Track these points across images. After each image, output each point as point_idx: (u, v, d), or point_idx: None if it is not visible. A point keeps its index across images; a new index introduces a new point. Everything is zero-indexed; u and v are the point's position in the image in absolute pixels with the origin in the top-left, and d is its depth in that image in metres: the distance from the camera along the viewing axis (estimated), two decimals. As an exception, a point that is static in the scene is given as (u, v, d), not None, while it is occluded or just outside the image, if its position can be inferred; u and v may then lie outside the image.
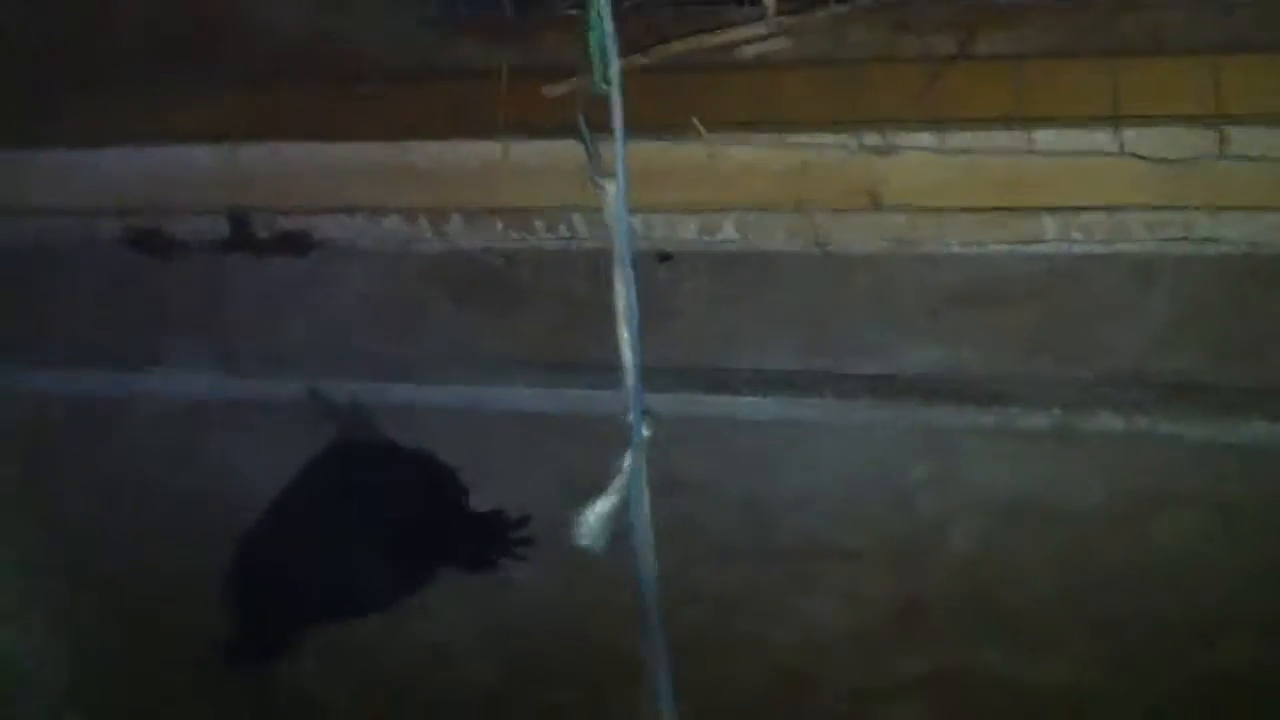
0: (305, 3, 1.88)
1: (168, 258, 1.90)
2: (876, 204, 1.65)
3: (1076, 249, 1.64)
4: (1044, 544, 2.00)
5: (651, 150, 1.60)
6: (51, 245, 1.99)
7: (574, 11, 1.33)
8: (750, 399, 1.88)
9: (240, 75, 1.86)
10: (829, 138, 1.62)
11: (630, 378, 1.38)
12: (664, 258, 1.83)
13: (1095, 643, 2.07)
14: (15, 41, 1.94)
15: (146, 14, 1.92)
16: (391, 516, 2.01)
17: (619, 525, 1.45)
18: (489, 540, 2.11)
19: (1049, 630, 2.08)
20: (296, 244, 1.86)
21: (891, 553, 2.08)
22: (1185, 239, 1.59)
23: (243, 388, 2.07)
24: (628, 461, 1.43)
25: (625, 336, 1.37)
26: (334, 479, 2.05)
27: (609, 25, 1.27)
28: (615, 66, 1.28)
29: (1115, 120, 1.51)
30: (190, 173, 1.85)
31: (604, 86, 1.30)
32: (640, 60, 1.54)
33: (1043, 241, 1.61)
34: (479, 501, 2.10)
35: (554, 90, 1.53)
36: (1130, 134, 1.52)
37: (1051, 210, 1.60)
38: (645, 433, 1.42)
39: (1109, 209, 1.58)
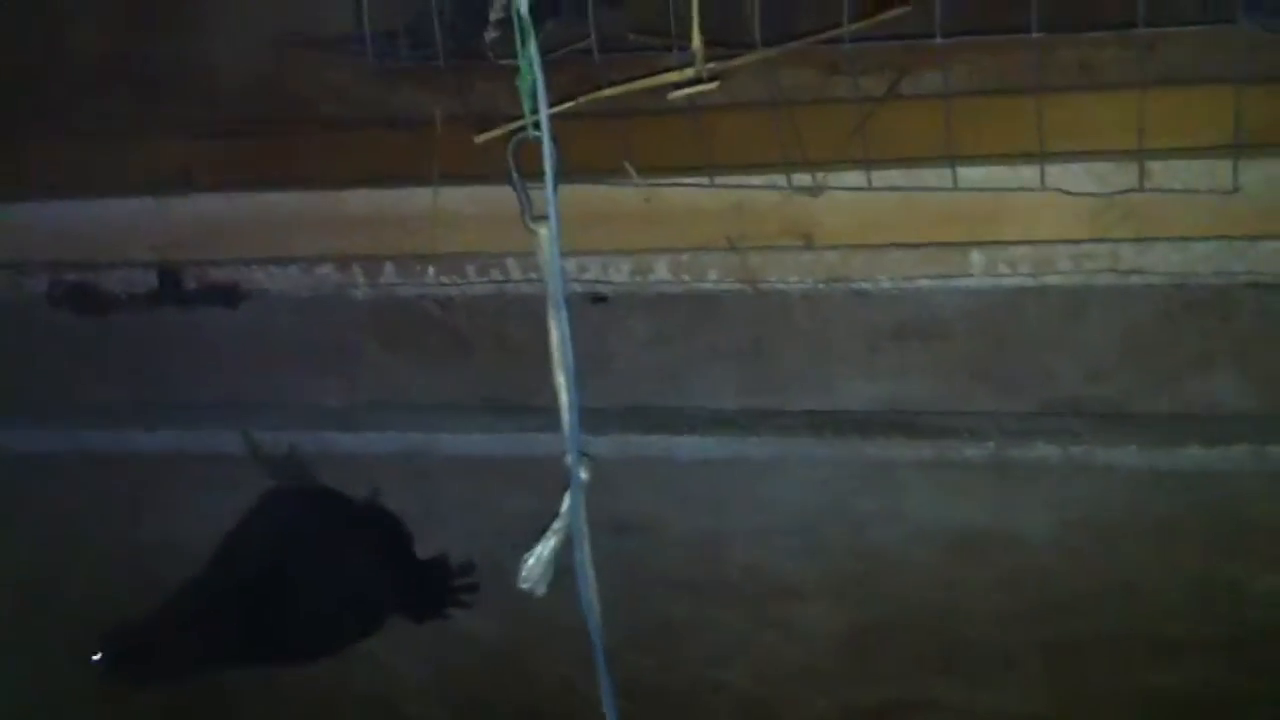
0: (240, 51, 1.88)
1: (96, 312, 1.90)
2: (809, 243, 1.67)
3: (1007, 283, 1.66)
4: (992, 573, 2.01)
5: (585, 194, 1.61)
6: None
7: (508, 61, 1.34)
8: (690, 438, 1.88)
9: (173, 125, 1.86)
10: (761, 179, 1.64)
11: (567, 420, 1.38)
12: (598, 300, 1.84)
13: (1047, 670, 2.08)
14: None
15: (78, 66, 1.92)
16: (332, 564, 1.99)
17: (562, 567, 1.45)
18: (433, 588, 2.09)
19: (1000, 659, 2.09)
20: (227, 295, 1.86)
21: (842, 586, 2.08)
22: (1112, 271, 1.62)
23: (179, 440, 2.05)
24: (567, 504, 1.43)
25: (561, 380, 1.37)
26: (272, 526, 2.03)
27: (539, 72, 1.29)
28: (545, 112, 1.29)
29: (1040, 156, 1.54)
30: (120, 225, 1.85)
31: (535, 133, 1.32)
32: (572, 106, 1.55)
33: (970, 275, 1.64)
34: (422, 548, 2.09)
35: (485, 137, 1.54)
36: (1054, 169, 1.54)
37: (978, 245, 1.63)
38: (584, 475, 1.42)
39: (1034, 243, 1.61)
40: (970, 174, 1.57)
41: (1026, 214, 1.59)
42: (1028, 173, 1.56)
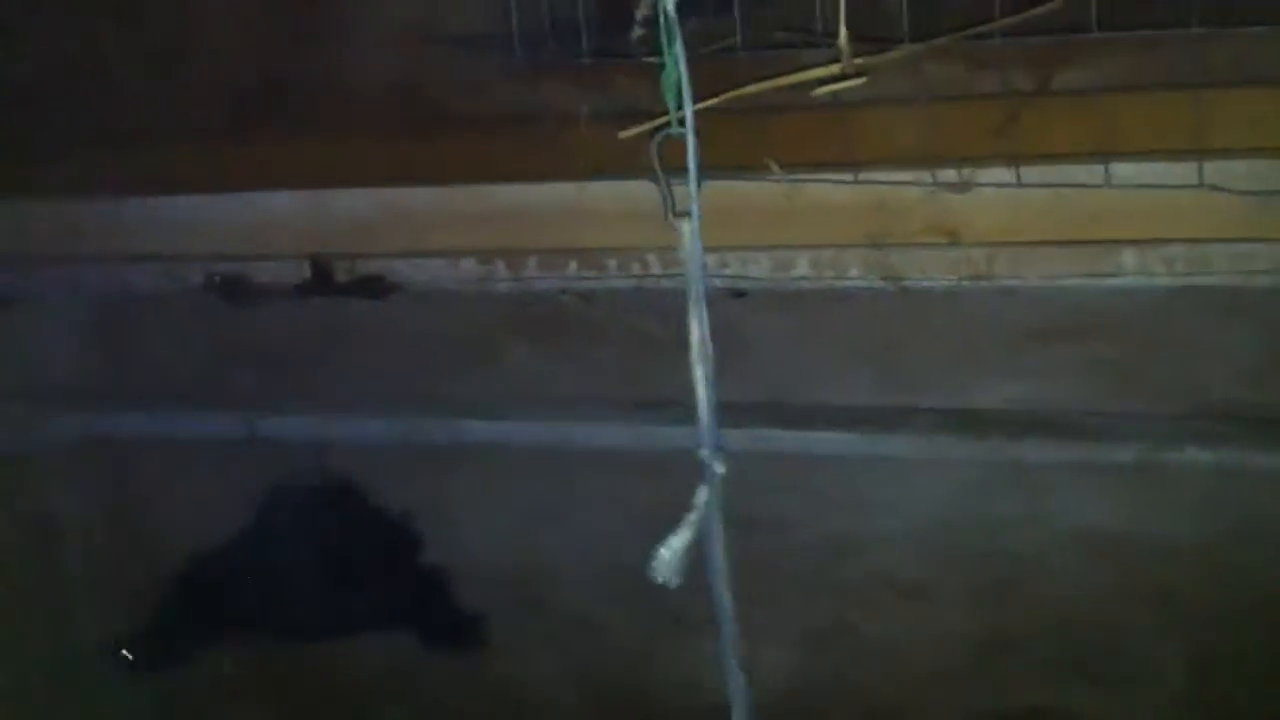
0: (387, 51, 1.93)
1: (248, 303, 1.98)
2: (954, 240, 1.65)
3: (1160, 283, 1.62)
4: (1134, 580, 1.96)
5: (726, 190, 1.61)
6: (140, 291, 2.07)
7: (651, 58, 1.35)
8: (827, 434, 1.88)
9: (324, 123, 1.93)
10: (905, 175, 1.63)
11: (704, 414, 1.39)
12: (738, 295, 1.85)
13: (1190, 683, 2.02)
14: (110, 90, 2.02)
15: (234, 65, 1.99)
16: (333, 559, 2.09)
17: (694, 561, 1.46)
18: (433, 604, 2.17)
19: (1140, 670, 2.03)
20: (375, 287, 1.92)
21: (978, 589, 2.05)
22: (1270, 271, 1.57)
23: (323, 427, 2.12)
24: (702, 497, 1.44)
25: (700, 374, 1.38)
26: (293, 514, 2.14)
27: (684, 69, 1.29)
28: (690, 109, 1.30)
29: (1197, 153, 1.49)
30: (274, 219, 1.93)
31: (679, 129, 1.33)
32: (716, 102, 1.55)
33: (1122, 275, 1.60)
34: (557, 538, 2.12)
35: (629, 133, 1.56)
36: (1211, 166, 1.50)
37: (1131, 243, 1.59)
38: (719, 469, 1.43)
39: (1190, 242, 1.57)
40: (1123, 170, 1.54)
41: (1182, 212, 1.55)
42: (1183, 170, 1.52)
